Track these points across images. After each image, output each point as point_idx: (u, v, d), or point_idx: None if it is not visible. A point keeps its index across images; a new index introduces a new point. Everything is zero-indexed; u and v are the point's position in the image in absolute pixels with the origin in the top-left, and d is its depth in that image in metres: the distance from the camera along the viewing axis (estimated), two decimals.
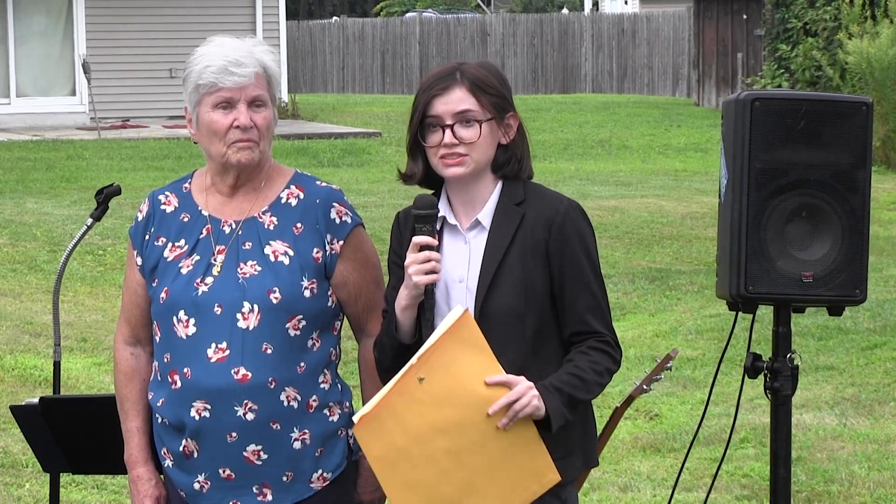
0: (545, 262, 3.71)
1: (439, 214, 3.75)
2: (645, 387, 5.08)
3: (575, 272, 3.72)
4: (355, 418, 3.56)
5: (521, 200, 3.76)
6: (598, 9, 42.25)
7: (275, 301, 3.82)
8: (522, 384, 3.57)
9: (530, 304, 3.69)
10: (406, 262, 3.68)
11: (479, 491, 3.55)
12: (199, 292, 3.85)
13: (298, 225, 3.90)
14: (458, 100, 3.72)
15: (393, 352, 3.73)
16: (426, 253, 3.66)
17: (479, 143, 3.72)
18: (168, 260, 3.92)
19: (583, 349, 3.71)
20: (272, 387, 3.82)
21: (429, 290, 3.68)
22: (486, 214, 3.76)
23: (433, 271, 3.66)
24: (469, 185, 3.77)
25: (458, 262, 3.74)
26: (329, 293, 3.91)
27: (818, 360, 9.24)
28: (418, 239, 3.67)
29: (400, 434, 3.51)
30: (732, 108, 4.06)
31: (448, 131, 3.71)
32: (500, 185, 3.79)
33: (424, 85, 3.75)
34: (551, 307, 3.73)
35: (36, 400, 4.36)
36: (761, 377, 4.20)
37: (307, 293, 3.86)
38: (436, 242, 3.69)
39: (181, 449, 3.88)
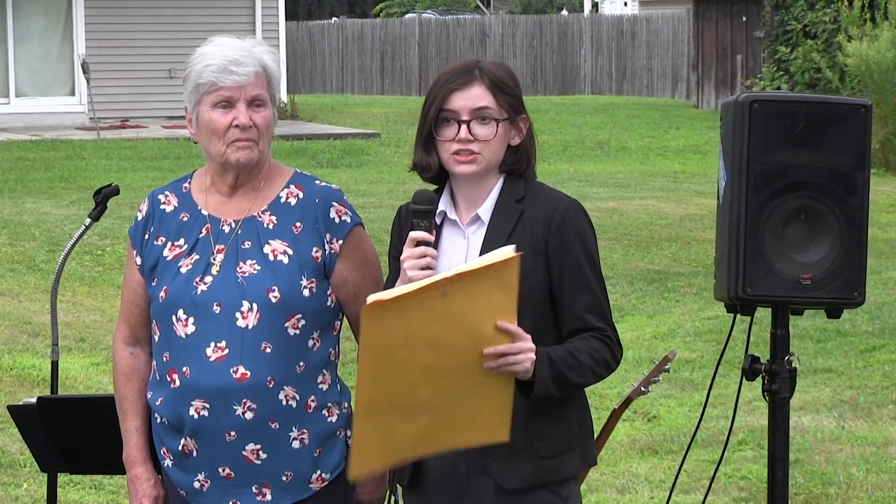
0: (544, 260, 3.71)
1: (440, 209, 3.75)
2: (643, 388, 5.08)
3: (574, 271, 3.71)
4: (370, 298, 3.44)
5: (521, 197, 3.76)
6: (597, 10, 42.26)
7: (274, 300, 3.82)
8: (527, 342, 3.53)
9: (527, 300, 3.68)
10: (402, 257, 3.67)
11: (434, 415, 3.51)
12: (198, 291, 3.85)
13: (298, 224, 3.90)
14: (477, 96, 3.71)
15: None
16: (422, 248, 3.66)
17: (493, 142, 3.72)
18: (167, 259, 3.92)
19: (584, 336, 3.70)
20: (271, 386, 3.82)
21: None
22: (485, 210, 3.76)
23: (428, 267, 3.65)
24: (475, 183, 3.77)
25: (456, 257, 3.74)
26: (328, 292, 3.91)
27: (817, 363, 9.24)
28: (415, 234, 3.67)
29: (400, 332, 3.44)
30: (731, 110, 4.06)
31: (464, 127, 3.70)
32: (501, 181, 3.79)
33: (443, 79, 3.74)
34: (549, 305, 3.73)
35: (33, 400, 4.36)
36: (759, 379, 4.20)
37: (306, 292, 3.86)
38: (432, 238, 3.69)
39: (180, 448, 3.88)
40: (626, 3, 41.76)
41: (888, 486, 7.09)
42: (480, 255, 3.70)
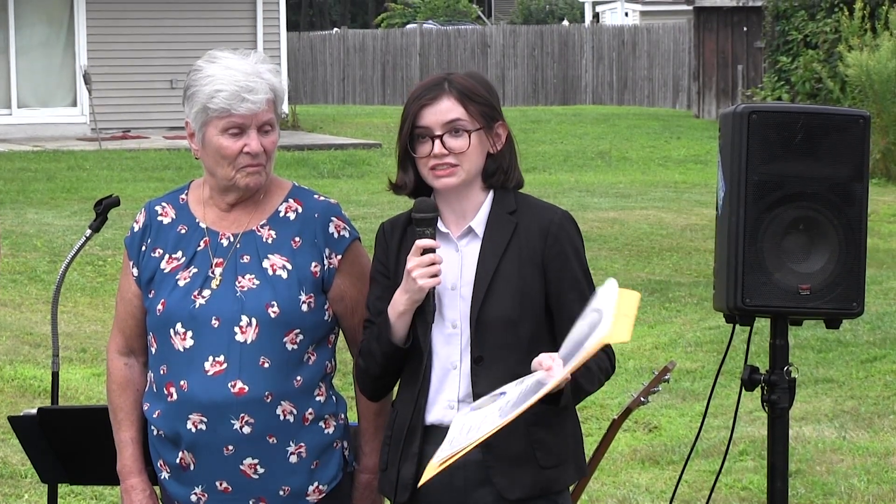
0: (541, 270, 3.72)
1: None
2: (642, 399, 5.09)
3: (571, 281, 3.74)
4: (436, 464, 3.45)
5: (514, 210, 3.77)
6: (598, 20, 42.30)
7: (273, 315, 3.82)
8: (560, 368, 3.48)
9: (525, 311, 3.69)
10: (408, 266, 3.67)
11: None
12: (197, 305, 3.84)
13: (297, 239, 3.90)
14: (446, 109, 3.72)
15: (384, 357, 3.74)
16: (430, 256, 3.67)
17: (468, 152, 3.72)
18: (165, 272, 3.91)
19: None
20: (268, 401, 3.81)
21: (430, 294, 3.68)
22: (478, 223, 3.77)
23: (436, 275, 3.66)
24: (460, 194, 3.77)
25: (450, 270, 3.74)
26: (326, 307, 3.91)
27: (818, 373, 9.24)
28: (421, 242, 3.68)
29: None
30: (730, 120, 4.07)
31: (438, 142, 3.71)
32: (491, 194, 3.79)
33: (413, 96, 3.75)
34: (545, 315, 3.74)
35: (34, 410, 4.36)
36: (759, 390, 4.20)
37: (305, 307, 3.85)
38: (438, 245, 3.70)
39: (178, 461, 3.88)
40: (626, 14, 41.81)
41: (889, 496, 7.08)
42: (477, 266, 3.72)
